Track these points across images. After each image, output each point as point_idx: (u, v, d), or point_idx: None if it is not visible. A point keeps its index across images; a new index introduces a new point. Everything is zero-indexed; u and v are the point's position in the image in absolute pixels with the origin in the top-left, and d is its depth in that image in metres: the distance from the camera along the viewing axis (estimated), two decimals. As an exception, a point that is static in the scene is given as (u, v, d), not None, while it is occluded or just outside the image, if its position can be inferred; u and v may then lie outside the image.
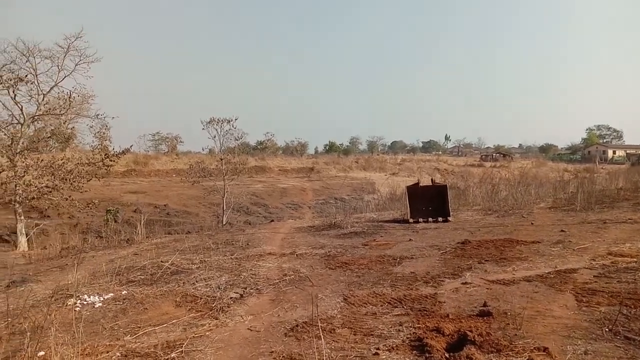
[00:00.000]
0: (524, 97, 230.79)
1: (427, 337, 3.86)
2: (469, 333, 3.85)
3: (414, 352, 3.69)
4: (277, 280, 6.27)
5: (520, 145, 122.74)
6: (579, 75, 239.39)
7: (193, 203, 28.32)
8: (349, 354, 3.71)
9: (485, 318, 4.32)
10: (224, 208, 22.61)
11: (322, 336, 3.69)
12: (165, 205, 27.20)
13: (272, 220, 19.82)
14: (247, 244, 9.44)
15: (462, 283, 5.61)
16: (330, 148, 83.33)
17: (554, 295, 4.96)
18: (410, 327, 4.22)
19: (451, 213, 11.30)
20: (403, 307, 4.83)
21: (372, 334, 4.10)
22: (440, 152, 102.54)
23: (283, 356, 3.76)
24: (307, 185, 38.41)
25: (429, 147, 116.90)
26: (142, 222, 13.79)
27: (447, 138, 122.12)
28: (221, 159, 23.59)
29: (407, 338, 3.97)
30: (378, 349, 3.76)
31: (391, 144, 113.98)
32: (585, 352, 3.50)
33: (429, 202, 11.81)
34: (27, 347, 4.00)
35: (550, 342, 3.68)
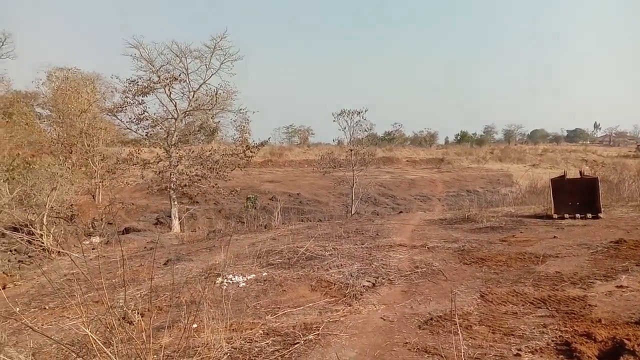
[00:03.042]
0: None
1: (575, 342, 3.57)
2: (626, 342, 3.47)
3: (561, 356, 3.43)
4: (409, 272, 6.23)
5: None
6: None
7: (323, 193, 29.27)
8: (488, 352, 3.56)
9: (646, 327, 3.85)
10: (353, 198, 23.01)
11: (459, 332, 3.59)
12: (298, 194, 28.53)
13: (401, 212, 19.70)
14: (377, 234, 9.51)
15: (617, 286, 5.05)
16: (462, 138, 79.77)
17: None
18: (556, 330, 3.92)
19: (602, 209, 10.20)
20: (547, 308, 4.49)
21: (512, 334, 3.89)
22: (588, 142, 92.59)
23: (418, 348, 3.74)
24: (437, 176, 37.45)
25: (574, 136, 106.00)
26: (278, 210, 14.64)
27: (596, 126, 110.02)
28: (350, 150, 24.01)
29: (553, 341, 3.70)
30: (520, 350, 3.56)
31: (531, 132, 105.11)
32: None
33: (576, 196, 10.77)
34: (185, 320, 4.49)
35: None
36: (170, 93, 18.12)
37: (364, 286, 5.67)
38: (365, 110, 23.74)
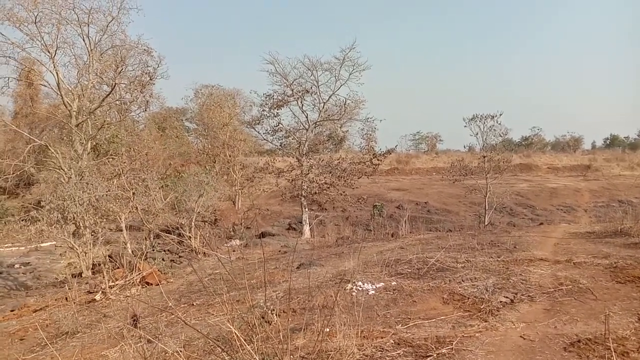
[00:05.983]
0: None
1: None
2: None
3: None
4: (552, 289, 5.76)
5: None
6: None
7: (453, 202, 28.31)
8: (650, 384, 3.16)
9: None
10: (486, 208, 21.88)
11: (613, 358, 3.23)
12: (425, 202, 27.93)
13: (542, 223, 18.29)
14: (514, 247, 8.93)
15: None
16: (612, 142, 71.80)
17: None
18: None
19: None
20: None
21: (681, 367, 3.41)
22: None
23: (563, 372, 3.45)
24: (583, 185, 34.09)
25: None
26: (405, 218, 14.50)
27: None
28: (483, 157, 22.92)
29: None
30: (691, 386, 3.10)
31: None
32: None
33: None
34: (318, 323, 4.65)
35: None
36: (302, 105, 19.06)
37: (500, 302, 5.37)
38: (500, 114, 22.45)
